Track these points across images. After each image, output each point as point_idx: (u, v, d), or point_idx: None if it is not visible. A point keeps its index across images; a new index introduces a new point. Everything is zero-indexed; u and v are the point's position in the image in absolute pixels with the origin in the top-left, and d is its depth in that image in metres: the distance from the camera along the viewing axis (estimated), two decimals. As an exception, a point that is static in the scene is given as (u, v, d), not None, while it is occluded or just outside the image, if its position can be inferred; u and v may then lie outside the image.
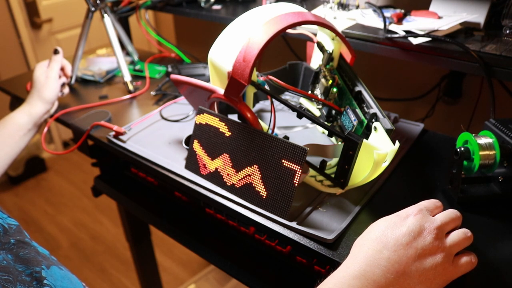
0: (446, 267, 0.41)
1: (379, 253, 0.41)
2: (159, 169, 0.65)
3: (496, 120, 0.57)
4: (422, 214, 0.43)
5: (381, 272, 0.40)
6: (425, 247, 0.41)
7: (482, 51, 0.62)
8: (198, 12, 0.98)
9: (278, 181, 0.53)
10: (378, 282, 0.39)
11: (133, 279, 1.73)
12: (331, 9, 0.87)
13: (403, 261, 0.40)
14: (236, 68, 0.54)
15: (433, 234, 0.42)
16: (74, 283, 0.46)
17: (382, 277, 0.40)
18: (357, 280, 0.40)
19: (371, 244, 0.42)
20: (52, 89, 0.81)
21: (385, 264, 0.40)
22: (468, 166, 0.56)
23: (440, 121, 1.05)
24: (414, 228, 0.42)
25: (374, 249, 0.41)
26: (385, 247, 0.41)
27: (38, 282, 0.41)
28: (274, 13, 0.56)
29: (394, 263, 0.40)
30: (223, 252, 0.66)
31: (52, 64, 0.83)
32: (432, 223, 0.43)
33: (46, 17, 2.27)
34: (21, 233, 0.46)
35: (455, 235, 0.43)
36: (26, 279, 0.41)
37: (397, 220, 0.43)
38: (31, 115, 0.79)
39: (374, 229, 0.44)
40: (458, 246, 0.43)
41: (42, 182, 2.39)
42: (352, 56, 0.66)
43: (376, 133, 0.54)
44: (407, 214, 0.44)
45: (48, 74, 0.82)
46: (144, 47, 1.71)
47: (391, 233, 0.42)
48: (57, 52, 0.85)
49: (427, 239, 0.41)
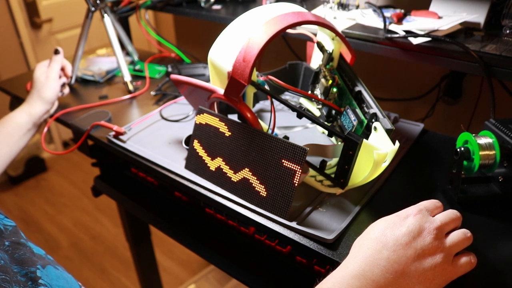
0: (445, 268, 0.41)
1: (378, 253, 0.41)
2: (159, 169, 0.65)
3: (496, 120, 0.57)
4: (421, 214, 0.43)
5: (380, 272, 0.40)
6: (424, 247, 0.41)
7: (482, 51, 0.62)
8: (198, 12, 0.98)
9: (278, 181, 0.53)
10: (377, 282, 0.39)
11: (133, 279, 1.73)
12: (331, 9, 0.87)
13: (402, 261, 0.40)
14: (236, 68, 0.54)
15: (432, 234, 0.42)
16: (70, 283, 0.46)
17: (381, 276, 0.40)
18: (356, 280, 0.40)
19: (371, 244, 0.42)
20: (52, 89, 0.81)
21: (384, 264, 0.40)
22: (468, 166, 0.56)
23: (440, 121, 1.05)
24: (413, 228, 0.42)
25: (374, 249, 0.41)
26: (385, 247, 0.41)
27: (33, 282, 0.41)
28: (274, 13, 0.56)
29: (393, 263, 0.40)
30: (223, 252, 0.66)
31: (52, 64, 0.83)
32: (432, 224, 0.43)
33: (46, 17, 2.27)
34: (17, 234, 0.46)
35: (455, 235, 0.43)
36: (21, 279, 0.41)
37: (397, 220, 0.43)
38: (31, 115, 0.79)
39: (373, 229, 0.44)
40: (457, 247, 0.43)
41: (42, 182, 2.39)
42: (352, 56, 0.66)
43: (376, 133, 0.54)
44: (407, 214, 0.44)
45: (48, 74, 0.82)
46: (144, 47, 1.71)
47: (390, 233, 0.42)
48: (58, 52, 0.85)
49: (427, 239, 0.41)
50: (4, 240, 0.44)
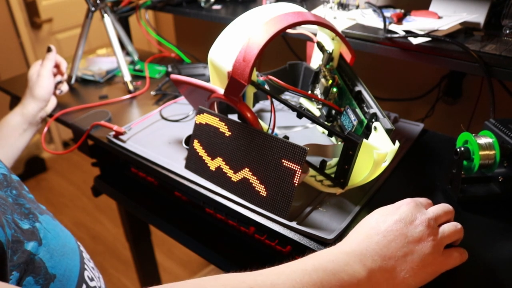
0: (435, 257, 0.42)
1: (369, 238, 0.42)
2: (159, 169, 0.65)
3: (496, 120, 0.57)
4: (415, 204, 0.45)
5: (369, 253, 0.41)
6: (415, 235, 0.42)
7: (482, 51, 0.62)
8: (198, 12, 0.98)
9: (278, 181, 0.53)
10: (365, 261, 0.40)
11: (133, 279, 1.73)
12: (331, 9, 0.87)
13: (391, 246, 0.41)
14: (236, 68, 0.54)
15: (424, 223, 0.43)
16: (66, 234, 0.50)
17: (369, 258, 0.40)
18: (345, 255, 0.40)
19: (364, 230, 0.44)
20: (43, 86, 0.80)
21: (374, 247, 0.41)
22: (468, 166, 0.56)
23: (440, 121, 1.05)
24: (405, 216, 0.43)
25: (366, 234, 0.43)
26: (376, 232, 0.42)
27: (34, 216, 0.45)
28: (274, 13, 0.56)
29: (383, 247, 0.41)
30: (223, 252, 0.66)
31: (44, 62, 0.82)
32: (424, 214, 0.44)
33: (46, 17, 2.27)
34: (21, 185, 0.50)
35: (446, 227, 0.45)
36: (24, 211, 0.45)
37: (391, 209, 0.45)
38: (24, 115, 0.79)
39: (368, 219, 0.45)
40: (448, 238, 0.44)
41: (42, 182, 2.39)
42: (352, 56, 0.66)
43: (376, 133, 0.54)
44: (401, 204, 0.45)
45: (40, 72, 0.81)
46: (144, 47, 1.71)
47: (383, 220, 0.44)
48: (50, 50, 0.84)
49: (418, 228, 0.43)
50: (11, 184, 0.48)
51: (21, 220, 0.43)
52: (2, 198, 0.43)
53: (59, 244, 0.46)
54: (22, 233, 0.41)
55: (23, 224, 0.43)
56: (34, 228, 0.44)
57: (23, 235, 0.41)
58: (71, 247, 0.48)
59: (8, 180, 0.48)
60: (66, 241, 0.48)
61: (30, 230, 0.43)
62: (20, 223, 0.42)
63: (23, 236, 0.41)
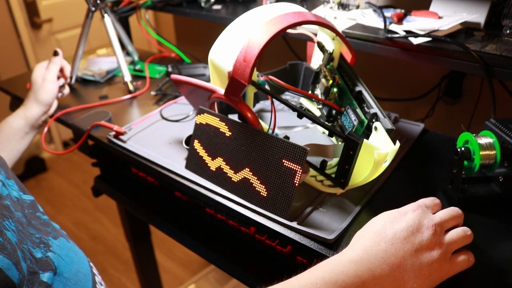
0: (442, 264, 0.42)
1: (376, 245, 0.42)
2: (159, 169, 0.65)
3: (496, 120, 0.57)
4: (421, 210, 0.44)
5: (377, 262, 0.40)
6: (422, 243, 0.42)
7: (482, 51, 0.62)
8: (198, 12, 0.98)
9: (278, 181, 0.53)
10: (374, 271, 0.40)
11: (133, 279, 1.73)
12: (331, 9, 0.87)
13: (399, 254, 0.41)
14: (236, 68, 0.54)
15: (431, 230, 0.42)
16: (79, 257, 0.50)
17: (378, 267, 0.40)
18: (353, 264, 0.40)
19: (370, 235, 0.43)
20: (48, 91, 0.80)
21: (382, 255, 0.41)
22: (469, 166, 0.56)
23: (440, 121, 1.05)
24: (412, 223, 0.43)
25: (373, 240, 0.42)
26: (383, 239, 0.42)
27: (45, 246, 0.45)
28: (274, 13, 0.56)
29: (391, 255, 0.41)
30: (223, 252, 0.66)
31: (50, 66, 0.82)
32: (431, 220, 0.43)
33: (46, 17, 2.27)
34: (34, 207, 0.49)
35: (454, 233, 0.44)
36: (35, 240, 0.44)
37: (397, 215, 0.44)
38: (27, 118, 0.78)
39: (374, 223, 0.45)
40: (456, 244, 0.43)
41: (42, 182, 2.39)
42: (352, 56, 0.66)
43: (376, 133, 0.54)
44: (407, 210, 0.45)
45: (45, 76, 0.81)
46: (144, 47, 1.71)
47: (390, 227, 0.43)
48: (57, 54, 0.84)
49: (425, 235, 0.42)
50: (24, 209, 0.47)
51: (33, 248, 0.42)
52: (19, 223, 0.42)
53: (72, 272, 0.46)
54: (36, 263, 0.41)
55: (36, 253, 0.42)
56: (48, 258, 0.43)
57: (38, 265, 0.41)
58: (84, 272, 0.48)
59: (21, 204, 0.47)
60: (79, 267, 0.48)
61: (44, 260, 0.42)
62: (33, 251, 0.42)
63: (38, 266, 0.41)
